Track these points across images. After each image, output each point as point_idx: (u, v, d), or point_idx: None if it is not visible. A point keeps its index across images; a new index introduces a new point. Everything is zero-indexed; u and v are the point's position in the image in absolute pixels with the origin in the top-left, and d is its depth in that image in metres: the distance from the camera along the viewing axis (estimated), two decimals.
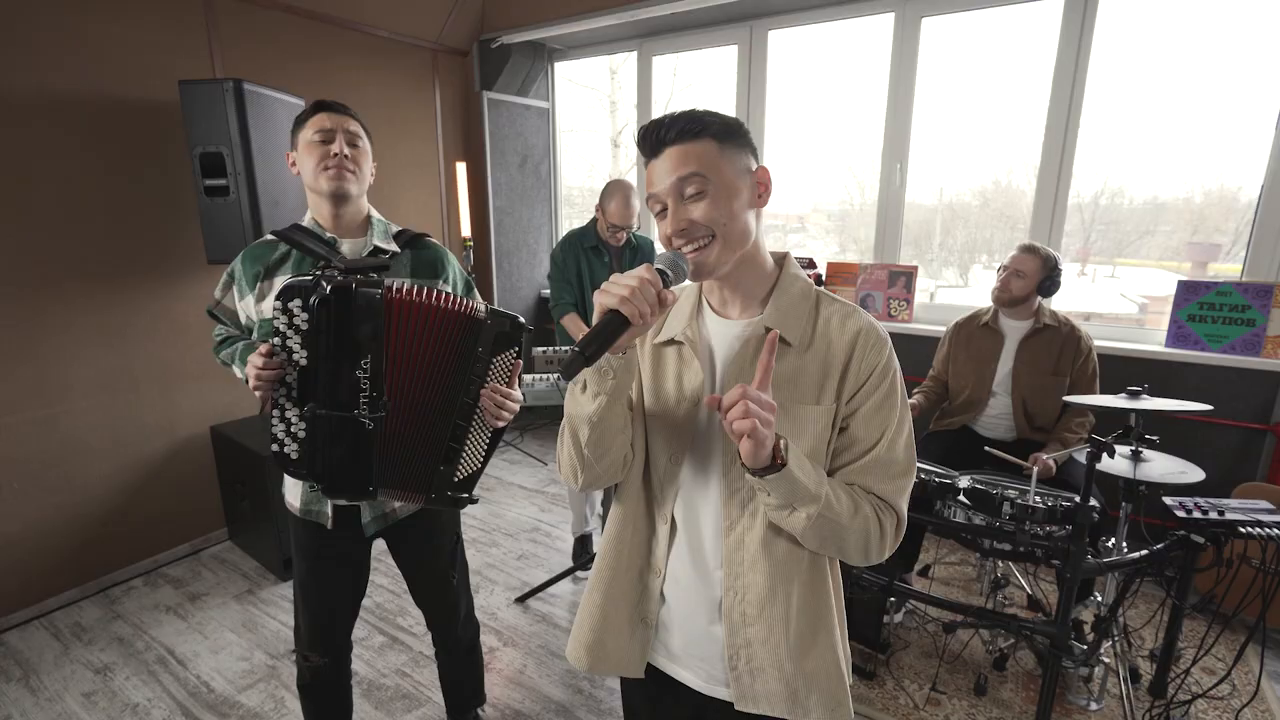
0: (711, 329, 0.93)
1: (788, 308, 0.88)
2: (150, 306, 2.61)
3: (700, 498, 0.92)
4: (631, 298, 0.73)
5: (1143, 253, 3.23)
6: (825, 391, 0.86)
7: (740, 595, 0.89)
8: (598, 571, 1.00)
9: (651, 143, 0.84)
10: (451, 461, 1.32)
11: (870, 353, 0.85)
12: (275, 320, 1.19)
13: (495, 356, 1.28)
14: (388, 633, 2.32)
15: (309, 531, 1.44)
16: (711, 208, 0.81)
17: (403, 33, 3.43)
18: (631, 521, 0.97)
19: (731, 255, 0.84)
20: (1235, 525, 1.63)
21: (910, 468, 0.87)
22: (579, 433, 0.86)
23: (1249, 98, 2.55)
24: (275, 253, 1.37)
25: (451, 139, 3.82)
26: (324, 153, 1.32)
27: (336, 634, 1.53)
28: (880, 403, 0.85)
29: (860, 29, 3.17)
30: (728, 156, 0.82)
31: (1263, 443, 2.51)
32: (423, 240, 1.48)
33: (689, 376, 0.91)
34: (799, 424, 0.85)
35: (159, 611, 2.44)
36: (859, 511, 0.83)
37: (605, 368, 0.80)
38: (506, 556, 2.84)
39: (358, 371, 1.21)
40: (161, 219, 2.62)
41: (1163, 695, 1.94)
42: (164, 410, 2.70)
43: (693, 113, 0.82)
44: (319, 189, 1.34)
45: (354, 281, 1.19)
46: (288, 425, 1.23)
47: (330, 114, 1.35)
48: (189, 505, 2.82)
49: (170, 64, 2.56)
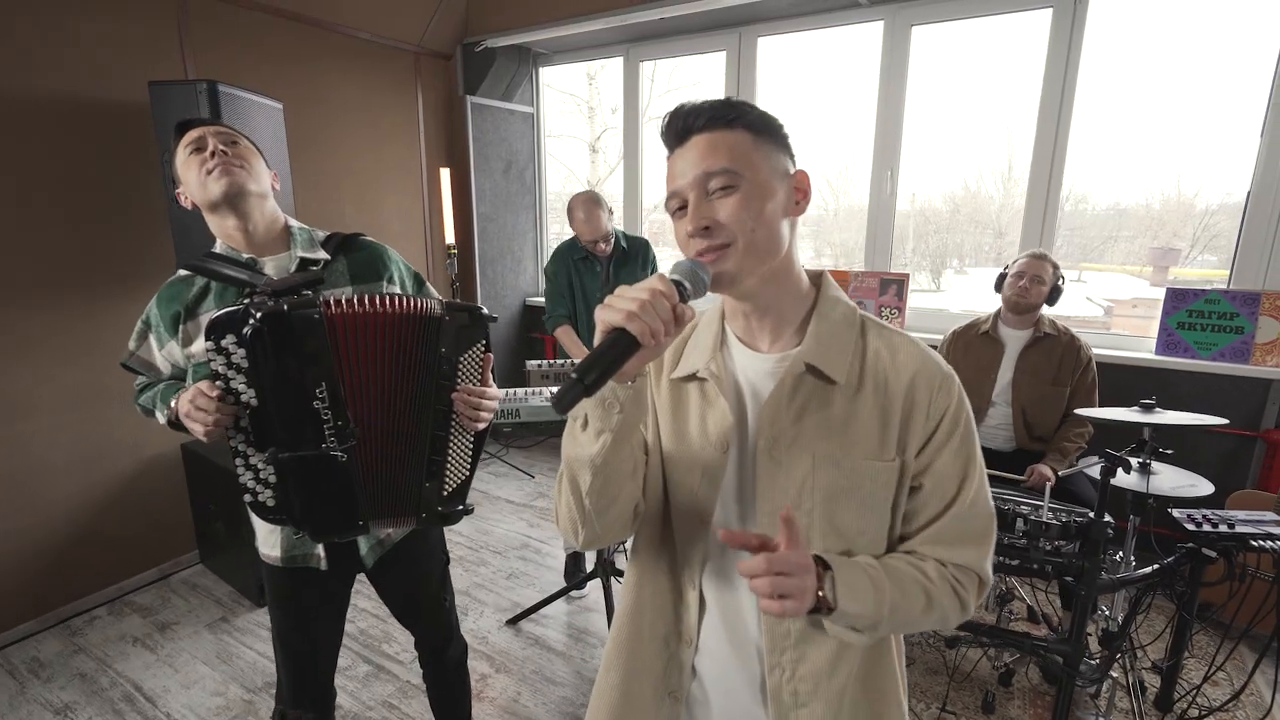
0: (739, 363, 0.79)
1: (829, 338, 0.74)
2: (118, 319, 2.47)
3: (733, 562, 0.77)
4: (641, 313, 0.60)
5: (1106, 257, 3.29)
6: (885, 443, 0.72)
7: (788, 672, 0.76)
8: (615, 646, 0.87)
9: (677, 130, 0.72)
10: (437, 476, 1.23)
11: (939, 394, 0.73)
12: (211, 362, 1.07)
13: (461, 355, 1.18)
14: (373, 661, 2.21)
15: (292, 578, 1.31)
16: (740, 207, 0.68)
17: (384, 35, 3.33)
18: (651, 586, 0.83)
19: (757, 265, 0.71)
20: (1247, 539, 1.62)
21: (992, 523, 0.76)
22: (579, 479, 0.72)
23: (1210, 110, 2.62)
24: (193, 288, 1.22)
25: (434, 144, 3.73)
26: (200, 159, 1.16)
27: (321, 682, 1.41)
28: (957, 452, 0.73)
29: (848, 37, 3.16)
30: (763, 152, 0.71)
31: (1252, 450, 2.52)
32: (356, 241, 1.33)
33: (714, 418, 0.76)
34: (854, 481, 0.72)
35: (125, 643, 2.29)
36: (933, 605, 0.72)
37: (610, 399, 0.66)
38: (495, 575, 2.74)
39: (315, 403, 1.10)
40: (130, 227, 2.48)
41: (1169, 709, 1.92)
42: (132, 427, 2.55)
43: (727, 100, 0.71)
44: (212, 197, 1.16)
45: (286, 304, 1.06)
46: (255, 472, 1.12)
47: (194, 128, 1.21)
48: (158, 527, 2.67)
49: (139, 65, 2.44)
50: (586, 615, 2.47)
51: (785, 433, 0.73)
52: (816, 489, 0.72)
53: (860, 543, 0.74)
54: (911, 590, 0.71)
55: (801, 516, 0.73)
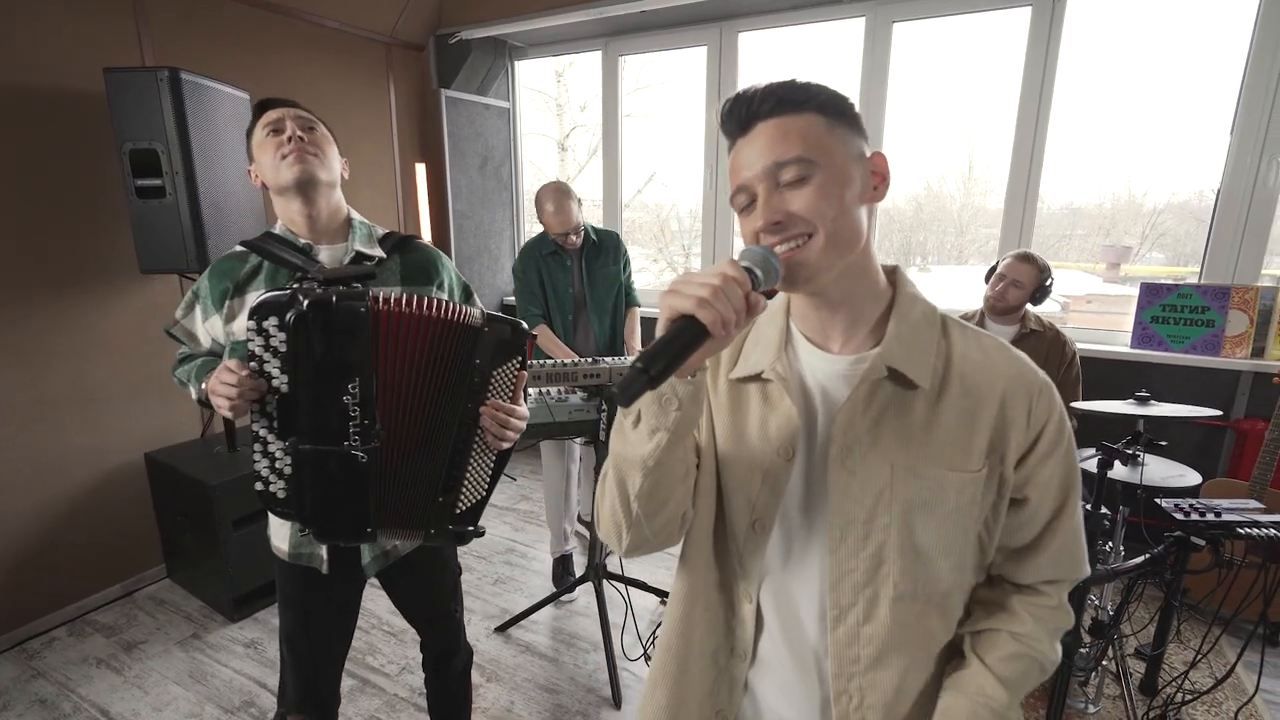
0: (807, 365, 0.73)
1: (910, 338, 0.68)
2: (73, 322, 2.33)
3: (796, 577, 0.73)
4: (713, 299, 0.55)
5: (1061, 255, 3.40)
6: (972, 452, 0.67)
7: (856, 700, 0.70)
8: (661, 665, 0.81)
9: (740, 117, 0.66)
10: (452, 491, 1.18)
11: (1040, 402, 0.67)
12: (249, 343, 1.04)
13: (496, 369, 1.15)
14: (357, 675, 2.12)
15: (299, 577, 1.27)
16: (817, 197, 0.62)
17: (354, 24, 3.21)
18: (703, 599, 0.77)
19: (836, 260, 0.65)
20: (1233, 526, 1.65)
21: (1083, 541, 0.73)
22: (628, 480, 0.67)
23: (1168, 111, 2.74)
24: (245, 266, 1.22)
25: (407, 139, 3.62)
26: (277, 143, 1.17)
27: (327, 688, 1.37)
28: (1062, 462, 0.69)
29: (829, 33, 3.16)
30: (837, 135, 0.65)
31: (1223, 439, 2.60)
32: (412, 242, 1.33)
33: (777, 424, 0.71)
34: (937, 494, 0.67)
35: (88, 665, 2.16)
36: (1028, 676, 0.71)
37: (668, 395, 0.61)
38: (481, 581, 2.67)
39: (345, 397, 1.06)
40: (86, 224, 2.33)
41: (1154, 693, 1.97)
42: (91, 437, 2.41)
43: (794, 81, 0.65)
44: (283, 182, 1.17)
45: (334, 294, 1.04)
46: (271, 461, 1.08)
47: (275, 108, 1.21)
48: (120, 541, 2.53)
49: (92, 51, 2.29)
50: (576, 620, 2.42)
51: (861, 440, 0.68)
52: (895, 501, 0.67)
53: (942, 567, 0.69)
54: (1023, 667, 0.71)
55: (876, 534, 0.68)
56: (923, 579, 0.68)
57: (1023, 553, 0.73)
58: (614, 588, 2.37)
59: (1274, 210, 2.49)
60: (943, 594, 0.70)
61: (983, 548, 0.72)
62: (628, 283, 2.67)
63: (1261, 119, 2.43)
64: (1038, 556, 0.72)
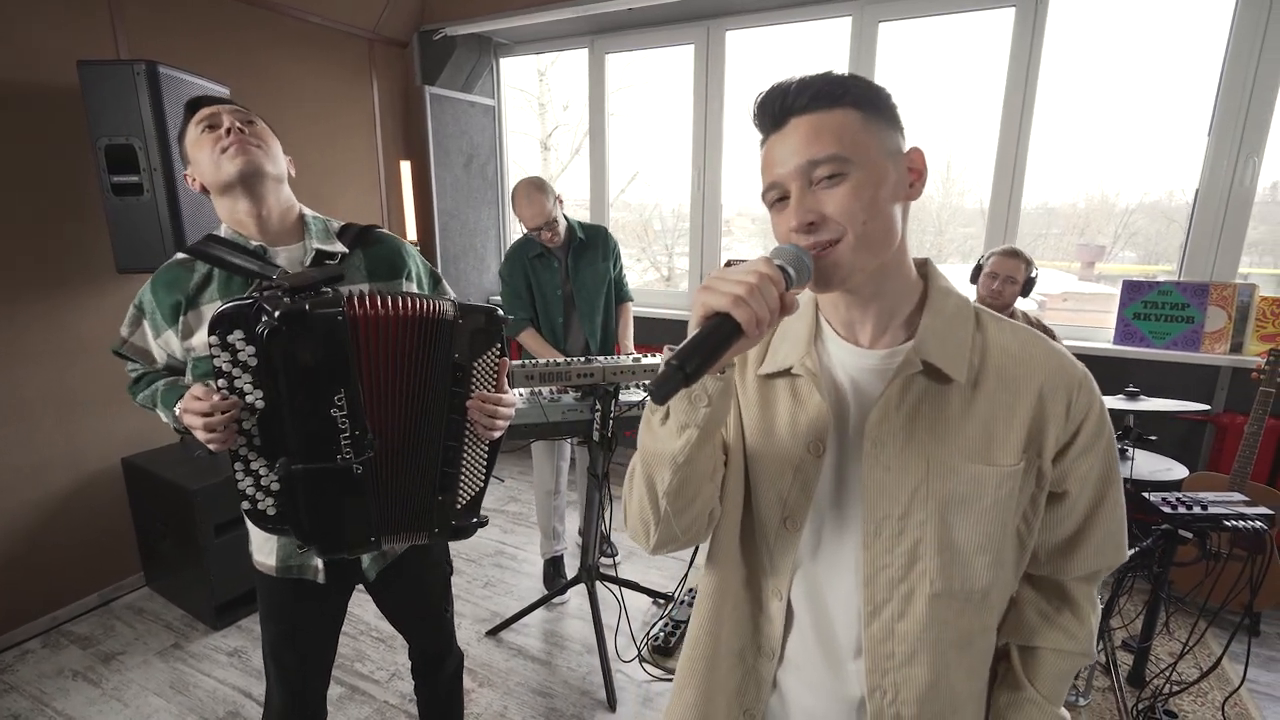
0: (837, 359, 0.72)
1: (945, 332, 0.67)
2: (46, 323, 2.25)
3: (828, 574, 0.72)
4: (748, 298, 0.55)
5: (1037, 253, 3.46)
6: (1009, 446, 0.66)
7: (890, 695, 0.70)
8: (689, 663, 0.80)
9: (773, 112, 0.64)
10: (450, 489, 1.16)
11: (1080, 395, 0.66)
12: (215, 359, 0.98)
13: (476, 360, 1.11)
14: (346, 682, 2.08)
15: (288, 590, 1.22)
16: (850, 197, 0.61)
17: (336, 19, 3.15)
18: (732, 597, 0.77)
19: (870, 260, 0.64)
20: (1220, 519, 1.68)
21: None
22: (656, 477, 0.66)
23: (1143, 113, 2.78)
24: (193, 276, 1.12)
25: (391, 137, 3.56)
26: (215, 137, 1.09)
27: (315, 701, 1.33)
28: (1103, 456, 0.68)
29: (816, 33, 3.17)
30: (873, 132, 0.63)
31: (1203, 433, 2.66)
32: (373, 233, 1.24)
33: (806, 419, 0.70)
34: (975, 490, 0.66)
35: (64, 678, 2.09)
36: (1071, 677, 0.76)
37: (698, 392, 0.61)
38: (471, 584, 2.63)
39: (333, 410, 1.01)
40: (60, 222, 2.26)
41: (1142, 685, 2.00)
42: (64, 442, 2.33)
43: (830, 74, 0.63)
44: (225, 177, 1.09)
45: (307, 303, 0.98)
46: (256, 478, 1.03)
47: (208, 105, 1.13)
48: (97, 549, 2.46)
49: (64, 44, 2.22)
50: (569, 622, 2.40)
51: (895, 435, 0.67)
52: (932, 498, 0.66)
53: (980, 564, 0.67)
54: (1064, 668, 0.75)
55: (912, 530, 0.67)
56: (959, 576, 0.68)
57: (1066, 547, 0.73)
58: (607, 589, 2.35)
59: (1250, 209, 2.54)
60: (981, 591, 0.69)
61: (1021, 543, 0.71)
62: (619, 277, 2.63)
63: (1238, 120, 2.48)
64: (1082, 549, 0.72)
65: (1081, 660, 0.76)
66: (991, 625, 0.74)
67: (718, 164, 3.43)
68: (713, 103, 3.36)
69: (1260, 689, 2.04)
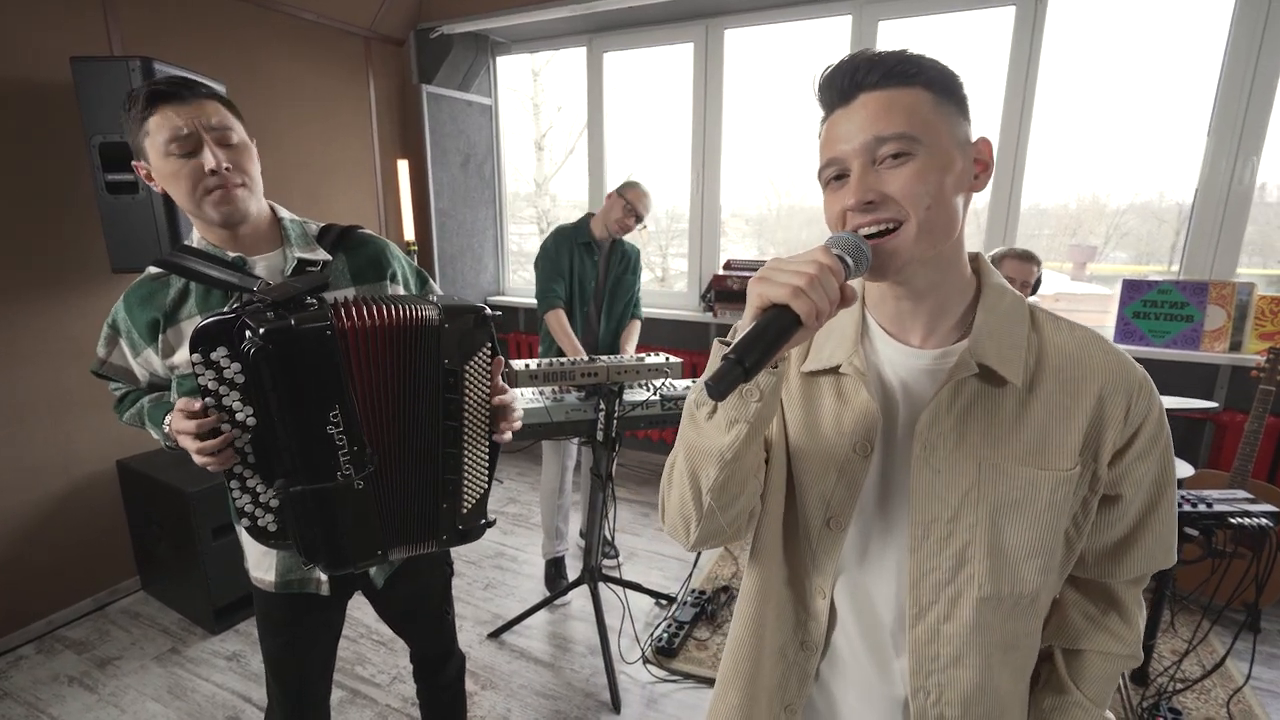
0: (885, 358, 0.70)
1: (1000, 332, 0.65)
2: (40, 324, 2.22)
3: (873, 575, 0.71)
4: (808, 289, 0.52)
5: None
6: (1065, 450, 0.64)
7: (934, 696, 0.69)
8: (733, 664, 0.79)
9: (841, 86, 0.61)
10: (454, 495, 1.12)
11: (1140, 398, 0.64)
12: (199, 378, 0.93)
13: (467, 363, 1.06)
14: (347, 686, 2.06)
15: (286, 604, 1.20)
16: (915, 179, 0.58)
17: (332, 17, 3.12)
18: (775, 596, 0.76)
19: (928, 250, 0.61)
20: (1225, 516, 1.68)
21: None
22: (701, 473, 0.64)
23: (1138, 114, 2.78)
24: (169, 290, 1.07)
25: (388, 136, 3.53)
26: (195, 172, 0.98)
27: (318, 710, 1.31)
28: (1159, 460, 0.67)
29: (816, 32, 3.16)
30: (944, 115, 0.60)
31: (1203, 431, 2.67)
32: (355, 234, 1.19)
33: (852, 418, 0.68)
34: (1028, 494, 0.64)
35: (59, 684, 2.06)
36: (1115, 680, 0.76)
37: (749, 387, 0.59)
38: (472, 586, 2.61)
39: (329, 427, 0.97)
40: (53, 221, 2.23)
41: (1146, 683, 2.00)
42: (58, 445, 2.30)
43: (904, 52, 0.60)
44: (206, 220, 1.03)
45: (294, 319, 0.93)
46: (253, 495, 1.00)
47: (175, 105, 0.98)
48: (91, 553, 2.42)
49: (57, 39, 2.19)
50: (571, 624, 2.38)
51: (946, 438, 0.65)
52: (983, 501, 0.65)
53: (1030, 569, 0.66)
54: (1107, 677, 0.75)
55: (961, 533, 0.66)
56: (1009, 580, 0.66)
57: (1115, 550, 0.72)
58: (610, 590, 2.33)
59: (1249, 208, 2.55)
60: (1030, 595, 0.68)
61: (1070, 545, 0.70)
62: (637, 295, 2.69)
63: (1237, 120, 2.49)
64: (1132, 552, 0.71)
65: (1130, 663, 0.75)
66: (1037, 628, 0.73)
67: (716, 164, 3.42)
68: (711, 102, 3.35)
69: (1264, 686, 2.05)
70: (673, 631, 2.21)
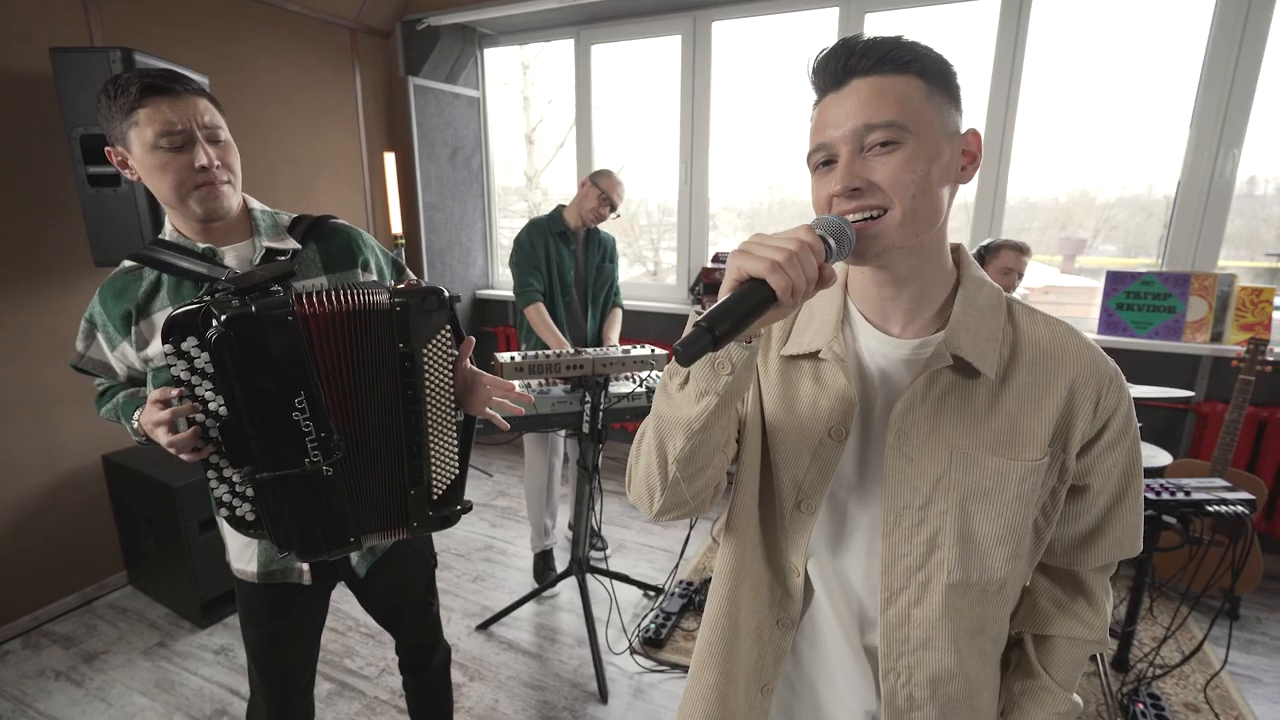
0: (865, 346, 0.71)
1: (976, 324, 0.66)
2: (21, 318, 2.20)
3: (846, 558, 0.72)
4: (787, 265, 0.52)
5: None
6: (1034, 440, 0.65)
7: (905, 677, 0.71)
8: (708, 645, 0.80)
9: (834, 71, 0.61)
10: (421, 481, 1.13)
11: (1110, 392, 0.65)
12: (172, 368, 0.94)
13: (425, 345, 1.05)
14: (334, 678, 2.06)
15: (269, 595, 1.20)
16: (902, 167, 0.59)
17: (317, 8, 3.10)
18: (750, 575, 0.77)
19: (911, 238, 0.62)
20: (1202, 504, 1.71)
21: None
22: (668, 442, 0.65)
23: (1124, 107, 2.80)
24: (142, 283, 1.08)
25: (374, 129, 3.51)
26: (183, 168, 0.99)
27: (302, 701, 1.31)
28: (1127, 453, 0.68)
29: (804, 23, 3.16)
30: (935, 105, 0.61)
31: (1184, 421, 2.70)
32: (327, 224, 1.19)
33: (828, 403, 0.69)
34: (997, 483, 0.65)
35: (45, 679, 2.06)
36: (1083, 664, 0.77)
37: (721, 359, 0.59)
38: (461, 579, 2.62)
39: (294, 414, 0.98)
40: (33, 214, 2.21)
41: (1126, 669, 2.03)
42: (41, 440, 2.28)
43: (899, 39, 0.60)
44: (189, 214, 1.04)
45: (254, 306, 0.93)
46: (230, 485, 1.01)
47: (169, 100, 0.98)
48: (77, 548, 2.41)
49: (36, 29, 2.16)
50: (559, 615, 2.39)
51: (919, 427, 0.66)
52: (953, 489, 0.66)
53: (996, 558, 0.67)
54: (1076, 663, 0.77)
55: (932, 520, 0.67)
56: (978, 567, 0.68)
57: (1084, 540, 0.73)
58: (598, 582, 2.35)
59: (1230, 201, 2.58)
60: (998, 582, 0.69)
61: (1039, 534, 0.71)
62: (617, 284, 2.69)
63: (1218, 113, 2.51)
64: (1100, 541, 0.72)
65: (1096, 648, 0.76)
66: (1005, 614, 0.75)
67: (705, 157, 3.42)
68: (700, 95, 3.35)
69: (1240, 671, 2.08)
70: (660, 622, 2.23)
